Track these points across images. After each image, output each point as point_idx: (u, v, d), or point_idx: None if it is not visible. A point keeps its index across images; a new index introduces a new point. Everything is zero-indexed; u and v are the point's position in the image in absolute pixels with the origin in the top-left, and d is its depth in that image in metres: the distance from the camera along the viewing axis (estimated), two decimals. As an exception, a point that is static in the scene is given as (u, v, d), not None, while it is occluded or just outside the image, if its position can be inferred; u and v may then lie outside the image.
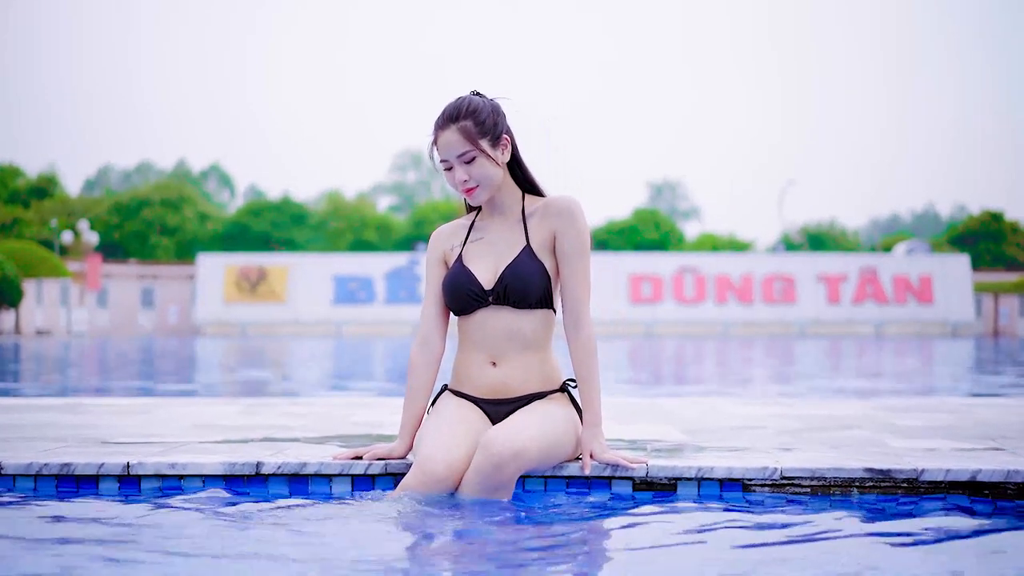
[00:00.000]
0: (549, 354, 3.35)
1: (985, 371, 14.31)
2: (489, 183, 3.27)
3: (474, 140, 3.21)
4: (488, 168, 3.26)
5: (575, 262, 3.26)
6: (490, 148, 3.24)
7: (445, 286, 3.35)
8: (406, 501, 3.07)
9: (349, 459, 3.38)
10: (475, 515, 2.96)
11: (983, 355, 20.51)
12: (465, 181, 3.24)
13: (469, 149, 3.22)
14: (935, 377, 13.00)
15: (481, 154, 3.23)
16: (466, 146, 3.22)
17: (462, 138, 3.21)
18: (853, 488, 3.27)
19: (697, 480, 3.30)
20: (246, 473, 3.36)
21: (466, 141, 3.21)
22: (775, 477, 3.28)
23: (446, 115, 3.24)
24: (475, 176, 3.24)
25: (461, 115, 3.22)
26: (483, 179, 3.25)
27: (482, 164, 3.24)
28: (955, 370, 14.70)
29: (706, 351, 22.91)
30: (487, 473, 3.04)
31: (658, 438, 4.13)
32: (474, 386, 3.34)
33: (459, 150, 3.22)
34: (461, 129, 3.21)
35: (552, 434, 3.18)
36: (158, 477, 3.37)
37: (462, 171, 3.24)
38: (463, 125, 3.21)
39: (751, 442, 3.96)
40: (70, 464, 3.37)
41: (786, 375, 13.51)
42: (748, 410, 5.49)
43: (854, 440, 4.02)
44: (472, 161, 3.23)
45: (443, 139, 3.24)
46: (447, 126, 3.23)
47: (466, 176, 3.24)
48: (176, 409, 5.43)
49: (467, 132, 3.21)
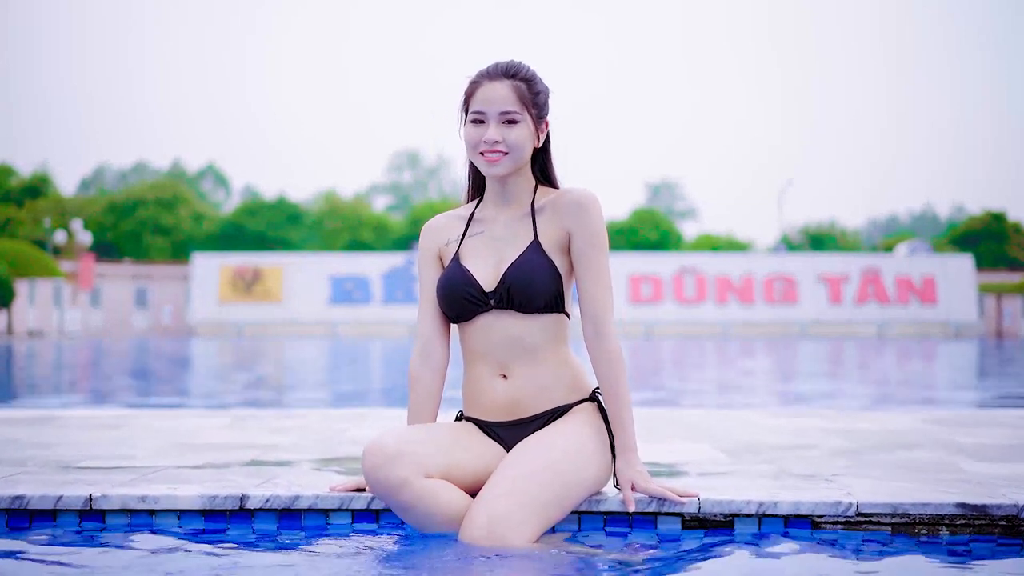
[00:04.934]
0: (568, 358, 2.85)
1: (1008, 374, 13.85)
2: (519, 156, 2.81)
3: (526, 104, 2.80)
4: (525, 140, 2.81)
5: (593, 262, 2.78)
6: (533, 122, 2.81)
7: (439, 289, 2.86)
8: (414, 543, 2.61)
9: (349, 491, 2.88)
10: (497, 566, 2.46)
11: (997, 357, 20.05)
12: (497, 143, 2.78)
13: (516, 111, 2.79)
14: (961, 382, 12.49)
15: (525, 121, 2.79)
16: (515, 106, 2.79)
17: (514, 96, 2.79)
18: (942, 527, 2.78)
19: (758, 516, 2.82)
20: (229, 507, 2.87)
21: (517, 100, 2.79)
22: (850, 513, 2.79)
23: (501, 68, 2.82)
24: (509, 141, 2.78)
25: (519, 74, 2.82)
26: (515, 148, 2.79)
27: (521, 132, 2.79)
28: (978, 374, 14.24)
29: (712, 353, 22.44)
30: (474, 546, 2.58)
31: (698, 459, 3.65)
32: (485, 407, 2.85)
33: (505, 107, 2.78)
34: (515, 87, 2.79)
35: (562, 483, 2.68)
36: (125, 512, 2.87)
37: (497, 130, 2.78)
38: (518, 84, 2.80)
39: (807, 465, 3.48)
40: (23, 496, 2.88)
41: (804, 380, 13.03)
42: (785, 423, 5.02)
43: (923, 463, 3.54)
44: (512, 124, 2.78)
45: (490, 89, 2.79)
46: (500, 78, 2.80)
47: (499, 137, 2.77)
48: (154, 422, 4.94)
49: (521, 93, 2.79)
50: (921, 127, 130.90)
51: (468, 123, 2.81)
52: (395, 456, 2.61)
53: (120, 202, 60.06)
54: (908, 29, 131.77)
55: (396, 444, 2.63)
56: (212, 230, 59.49)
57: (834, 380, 12.67)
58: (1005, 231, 59.35)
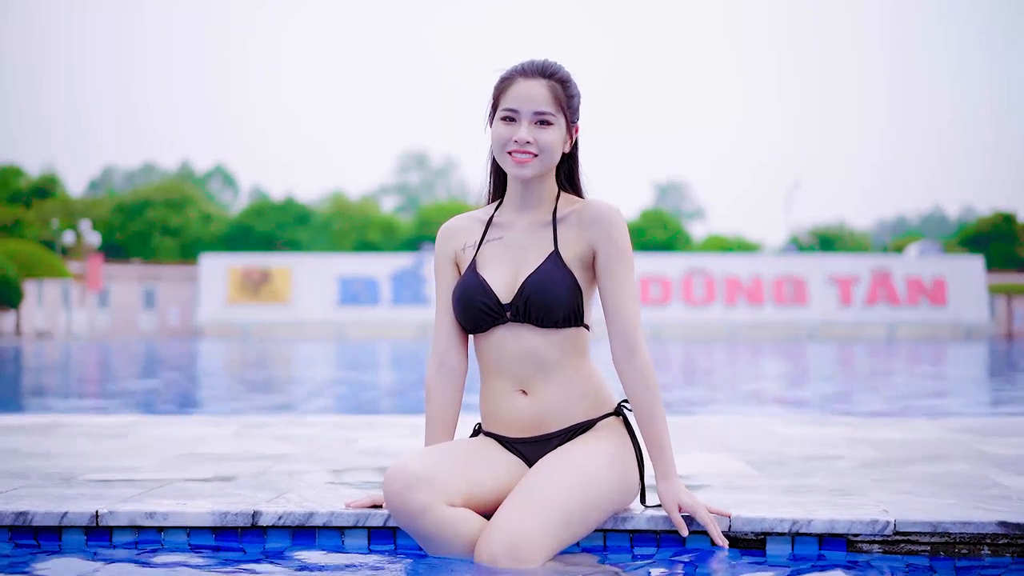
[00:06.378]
0: (591, 371, 2.73)
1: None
2: (549, 159, 2.70)
3: (560, 106, 2.69)
4: (556, 143, 2.70)
5: (620, 278, 2.66)
6: (566, 126, 2.72)
7: (455, 298, 2.75)
8: (432, 561, 2.52)
9: (366, 508, 2.77)
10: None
11: (1012, 360, 19.88)
12: (528, 143, 2.66)
13: (551, 111, 2.68)
14: (980, 387, 12.33)
15: (558, 124, 2.69)
16: (550, 106, 2.68)
17: (550, 96, 2.68)
18: (984, 546, 2.66)
19: (791, 535, 2.70)
20: (240, 524, 2.76)
21: (553, 101, 2.68)
22: (887, 532, 2.67)
23: (538, 66, 2.71)
24: (541, 143, 2.67)
25: (556, 75, 2.72)
26: (546, 150, 2.68)
27: (553, 135, 2.69)
28: (995, 378, 14.09)
29: (723, 356, 22.30)
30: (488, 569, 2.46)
31: (722, 472, 3.53)
32: (505, 424, 2.73)
33: (541, 107, 2.67)
34: (551, 87, 2.69)
35: (584, 498, 2.56)
36: (133, 529, 2.77)
37: (528, 131, 2.67)
38: (554, 85, 2.70)
39: (837, 479, 3.36)
40: (27, 513, 2.77)
41: (820, 384, 12.89)
42: (807, 432, 4.90)
43: (957, 477, 3.41)
44: (546, 126, 2.67)
45: (525, 87, 2.68)
46: (536, 77, 2.70)
47: (531, 138, 2.66)
48: (159, 430, 4.84)
49: (556, 93, 2.69)
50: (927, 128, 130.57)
51: (498, 120, 2.70)
52: (417, 482, 2.50)
53: (128, 203, 60.08)
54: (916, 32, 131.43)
55: (419, 469, 2.52)
56: (220, 231, 59.47)
57: (850, 384, 12.53)
58: (1015, 232, 59.06)
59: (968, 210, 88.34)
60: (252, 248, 55.44)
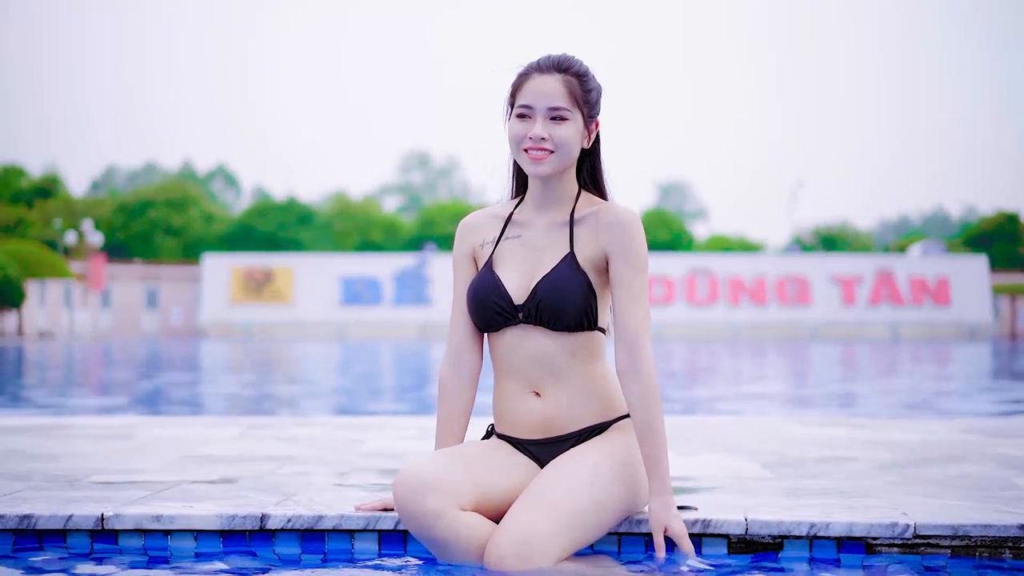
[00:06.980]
0: (605, 374, 2.68)
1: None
2: (566, 155, 2.64)
3: (576, 101, 2.63)
4: (572, 139, 2.64)
5: (632, 285, 2.60)
6: (583, 121, 2.64)
7: (470, 295, 2.70)
8: (443, 565, 2.48)
9: (376, 510, 2.72)
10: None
11: (1017, 360, 19.83)
12: (543, 140, 2.61)
13: (566, 107, 2.62)
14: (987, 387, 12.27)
15: (574, 119, 2.63)
16: (566, 102, 2.62)
17: (566, 91, 2.62)
18: (1005, 549, 2.61)
19: (809, 538, 2.65)
20: (248, 528, 2.71)
21: (568, 96, 2.62)
22: (907, 535, 2.63)
23: (553, 61, 2.65)
24: (557, 139, 2.61)
25: (571, 69, 2.65)
26: (562, 146, 2.62)
27: (569, 130, 2.63)
28: (1001, 378, 14.04)
29: (727, 356, 22.26)
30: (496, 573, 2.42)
31: (736, 474, 3.48)
32: (517, 425, 2.69)
33: (555, 102, 2.61)
34: (566, 82, 2.63)
35: (595, 500, 2.52)
36: (139, 532, 2.72)
37: (543, 127, 2.61)
38: (569, 79, 2.64)
39: (853, 481, 3.31)
40: (31, 516, 2.73)
41: (826, 384, 12.84)
42: (819, 433, 4.85)
43: (975, 479, 3.37)
44: (561, 122, 2.62)
45: (539, 83, 2.63)
46: (551, 72, 2.64)
47: (546, 135, 2.61)
48: (163, 431, 4.79)
49: (572, 88, 2.63)
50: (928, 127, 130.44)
51: (514, 117, 2.65)
52: (429, 487, 2.44)
53: (130, 203, 60.06)
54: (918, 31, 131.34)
55: (431, 474, 2.46)
56: (222, 231, 59.44)
57: (857, 385, 12.48)
58: (1018, 232, 58.97)
59: (970, 210, 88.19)
60: (254, 248, 55.41)
